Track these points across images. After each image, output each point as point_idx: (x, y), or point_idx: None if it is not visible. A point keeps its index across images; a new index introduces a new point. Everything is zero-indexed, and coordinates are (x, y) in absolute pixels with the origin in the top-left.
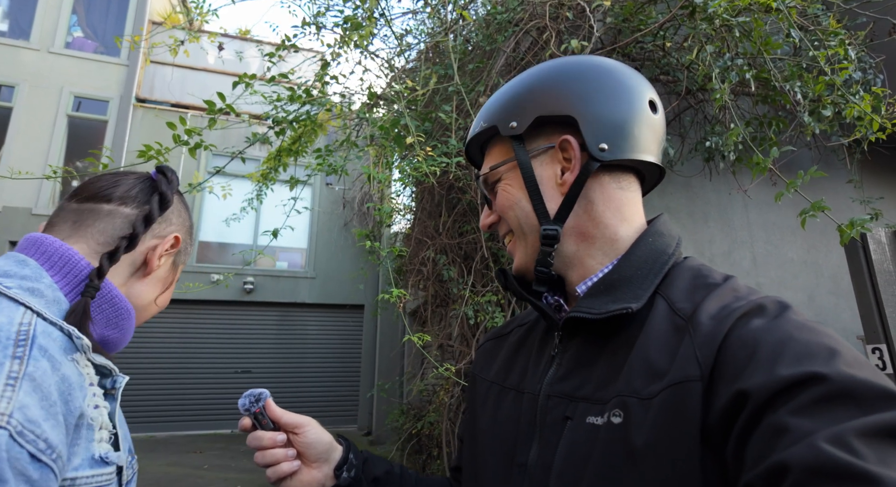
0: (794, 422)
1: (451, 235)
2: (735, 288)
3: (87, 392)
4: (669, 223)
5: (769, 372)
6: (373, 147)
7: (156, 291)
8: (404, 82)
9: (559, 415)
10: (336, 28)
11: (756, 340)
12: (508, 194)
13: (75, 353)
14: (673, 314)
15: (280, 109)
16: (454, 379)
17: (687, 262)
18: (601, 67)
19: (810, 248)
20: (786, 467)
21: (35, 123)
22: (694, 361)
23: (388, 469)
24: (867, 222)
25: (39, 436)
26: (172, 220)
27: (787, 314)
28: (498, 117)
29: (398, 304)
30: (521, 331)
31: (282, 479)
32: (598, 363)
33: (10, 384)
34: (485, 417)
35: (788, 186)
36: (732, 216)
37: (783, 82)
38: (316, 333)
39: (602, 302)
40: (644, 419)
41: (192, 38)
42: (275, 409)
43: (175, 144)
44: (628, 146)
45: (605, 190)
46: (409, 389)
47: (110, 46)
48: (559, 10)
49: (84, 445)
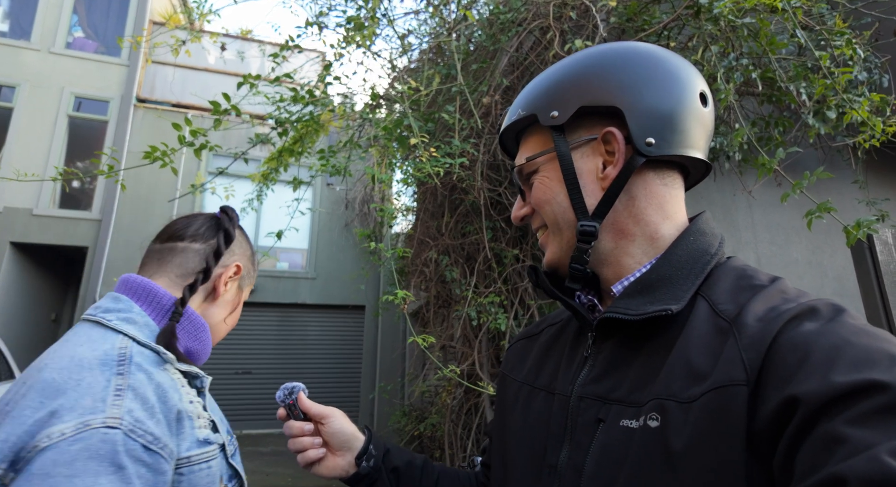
0: (853, 433)
1: (453, 235)
2: (783, 290)
3: (181, 393)
4: (712, 222)
5: (824, 378)
6: (376, 148)
7: (225, 312)
8: (407, 83)
9: (591, 417)
10: (339, 28)
11: (808, 344)
12: (545, 187)
13: (164, 365)
14: (715, 316)
15: (283, 110)
16: (457, 381)
17: (730, 262)
18: (650, 55)
19: (815, 249)
20: (843, 480)
21: (36, 123)
22: (739, 364)
23: (410, 461)
24: (874, 223)
25: (147, 431)
26: (235, 250)
27: (842, 317)
28: (538, 105)
29: (402, 305)
30: (553, 331)
31: (310, 464)
32: (633, 365)
33: (118, 395)
34: (515, 418)
35: (795, 186)
36: (737, 217)
37: (788, 82)
38: (317, 334)
39: (639, 303)
40: (684, 422)
41: (194, 39)
42: (305, 401)
43: (180, 145)
44: (676, 141)
45: (649, 186)
46: (410, 390)
47: (111, 47)
48: (562, 10)
49: (189, 432)
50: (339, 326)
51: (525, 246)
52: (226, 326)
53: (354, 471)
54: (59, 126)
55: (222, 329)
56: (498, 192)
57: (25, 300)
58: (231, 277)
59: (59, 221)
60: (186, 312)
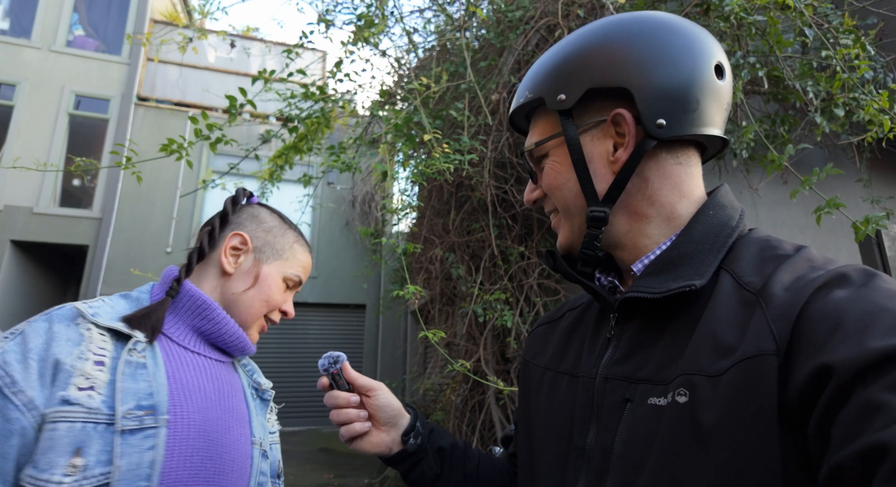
0: (893, 399)
1: (459, 233)
2: (810, 258)
3: (82, 348)
4: (731, 194)
5: (858, 345)
6: (385, 145)
7: (243, 284)
8: (419, 80)
9: (618, 398)
10: (346, 26)
11: (840, 310)
12: (555, 172)
13: (77, 319)
14: (740, 289)
15: (294, 107)
16: (462, 378)
17: (753, 233)
18: (660, 28)
19: (820, 247)
20: (885, 447)
21: (36, 121)
22: (769, 334)
23: (454, 443)
24: (882, 219)
25: (7, 373)
26: (245, 224)
27: (875, 281)
28: (544, 88)
29: (413, 301)
30: (574, 314)
31: (353, 438)
32: (658, 344)
33: (6, 337)
34: (539, 403)
35: (804, 182)
36: None
37: (795, 80)
38: (318, 332)
39: (662, 280)
40: (713, 397)
41: (202, 36)
42: (350, 371)
43: (196, 138)
44: (689, 120)
45: (662, 167)
46: (414, 388)
47: (111, 45)
48: (570, 8)
49: (61, 386)
50: (341, 325)
51: (531, 243)
52: (250, 298)
53: (400, 449)
54: (59, 124)
55: (247, 304)
56: (504, 189)
57: (25, 299)
58: (232, 248)
59: (59, 219)
60: (186, 290)
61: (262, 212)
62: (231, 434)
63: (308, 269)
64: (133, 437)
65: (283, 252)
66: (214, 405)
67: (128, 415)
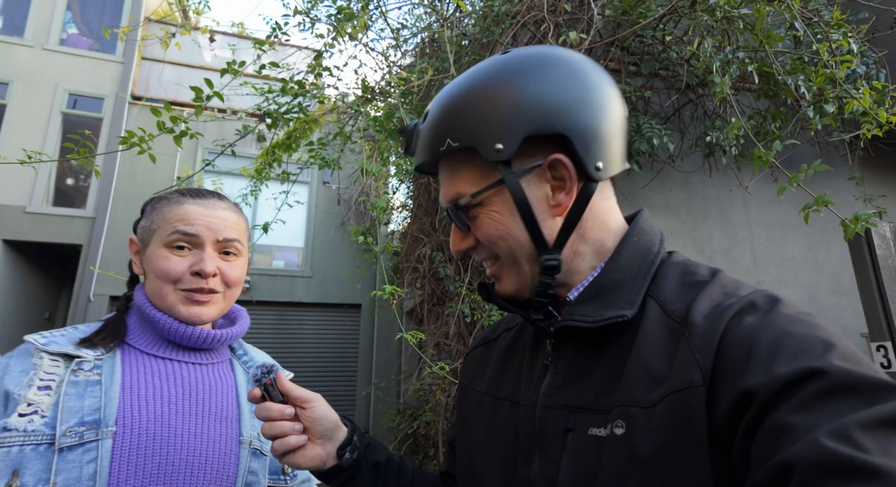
0: (796, 419)
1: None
2: (723, 284)
3: (31, 376)
4: (650, 219)
5: (768, 371)
6: (367, 141)
7: (150, 279)
8: (399, 75)
9: (559, 427)
10: (329, 19)
11: (751, 338)
12: (496, 222)
13: (32, 352)
14: (666, 318)
15: (272, 102)
16: (450, 379)
17: (672, 258)
18: (578, 68)
19: (811, 246)
20: (791, 465)
21: (29, 120)
22: (695, 365)
23: (389, 457)
24: (872, 217)
25: None
26: (142, 228)
27: (778, 308)
28: (474, 137)
29: (391, 301)
30: (510, 336)
31: (286, 453)
32: (595, 370)
33: None
34: (479, 430)
35: (791, 180)
36: (732, 213)
37: (786, 76)
38: (313, 332)
39: (595, 308)
40: (647, 427)
41: (184, 31)
42: (285, 382)
43: (160, 131)
44: (618, 159)
45: (592, 206)
46: (405, 388)
47: (105, 44)
48: (557, 3)
49: (8, 415)
50: (335, 324)
51: None
52: (151, 284)
53: (334, 463)
54: (52, 123)
55: (154, 290)
56: None
57: (18, 299)
58: (133, 254)
59: (52, 218)
60: (134, 301)
61: (156, 203)
62: (204, 435)
63: (188, 216)
64: (71, 453)
65: (155, 224)
66: (180, 409)
67: (67, 433)
